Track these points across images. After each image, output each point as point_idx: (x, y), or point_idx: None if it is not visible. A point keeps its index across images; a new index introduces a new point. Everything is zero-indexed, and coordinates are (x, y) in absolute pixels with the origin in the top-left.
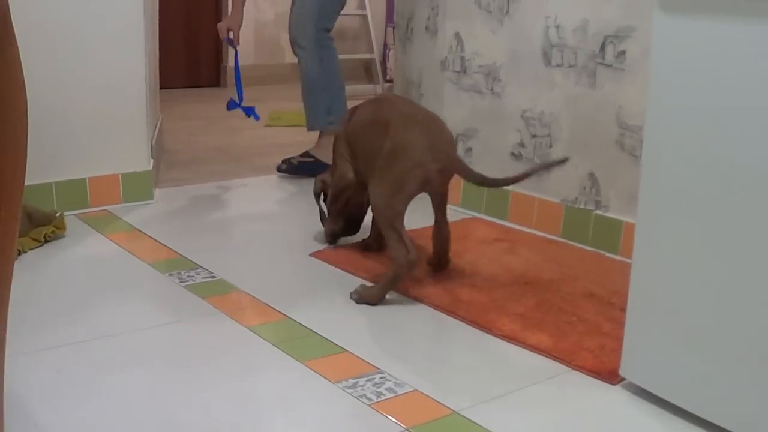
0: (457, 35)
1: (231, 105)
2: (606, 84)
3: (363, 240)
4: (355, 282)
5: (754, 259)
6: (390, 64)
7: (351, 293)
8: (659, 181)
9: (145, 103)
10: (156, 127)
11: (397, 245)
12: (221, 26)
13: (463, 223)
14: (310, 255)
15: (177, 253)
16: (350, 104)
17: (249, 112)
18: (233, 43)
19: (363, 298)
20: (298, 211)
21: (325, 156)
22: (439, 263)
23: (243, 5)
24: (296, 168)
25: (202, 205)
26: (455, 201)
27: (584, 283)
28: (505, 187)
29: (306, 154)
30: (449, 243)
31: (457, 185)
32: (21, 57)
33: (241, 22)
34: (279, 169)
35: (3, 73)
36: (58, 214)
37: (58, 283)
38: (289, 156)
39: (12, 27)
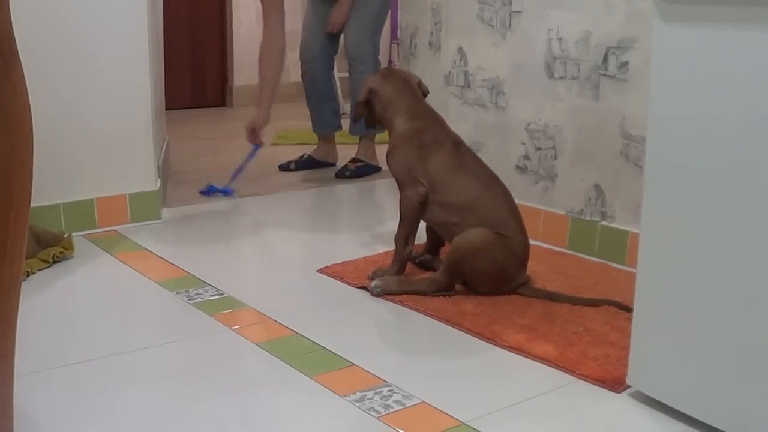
0: (460, 50)
1: (209, 190)
2: (609, 95)
3: (419, 256)
4: (363, 297)
5: (758, 267)
6: None
7: (372, 284)
8: (662, 191)
9: (152, 122)
10: (163, 147)
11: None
12: (248, 129)
13: None
14: (318, 271)
15: (185, 271)
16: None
17: (225, 191)
18: (257, 147)
19: (386, 287)
20: (305, 228)
21: (369, 157)
22: (433, 248)
23: (270, 104)
24: (356, 172)
25: (209, 223)
26: None
27: (591, 294)
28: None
29: (355, 159)
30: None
31: None
32: (26, 77)
33: (267, 121)
34: (342, 176)
35: (8, 93)
36: (66, 235)
37: (67, 303)
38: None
39: (16, 47)
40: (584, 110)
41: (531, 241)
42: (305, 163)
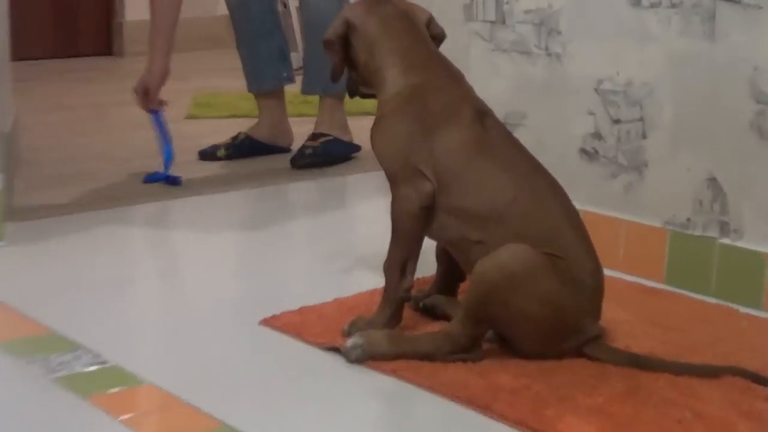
0: None
1: (152, 177)
2: (732, 32)
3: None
4: (334, 365)
5: None
6: None
7: (348, 344)
8: None
9: None
10: (8, 124)
11: None
12: (138, 89)
13: None
14: (262, 323)
15: (43, 325)
16: None
17: (175, 180)
18: (158, 113)
19: (370, 347)
20: (240, 252)
21: (337, 130)
22: (447, 284)
23: (169, 49)
24: (323, 151)
25: (83, 246)
26: None
27: (706, 357)
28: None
29: (316, 135)
30: None
31: None
32: None
33: (166, 75)
34: (301, 161)
35: None
36: None
37: None
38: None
39: None
40: (691, 58)
41: (607, 273)
42: (241, 148)
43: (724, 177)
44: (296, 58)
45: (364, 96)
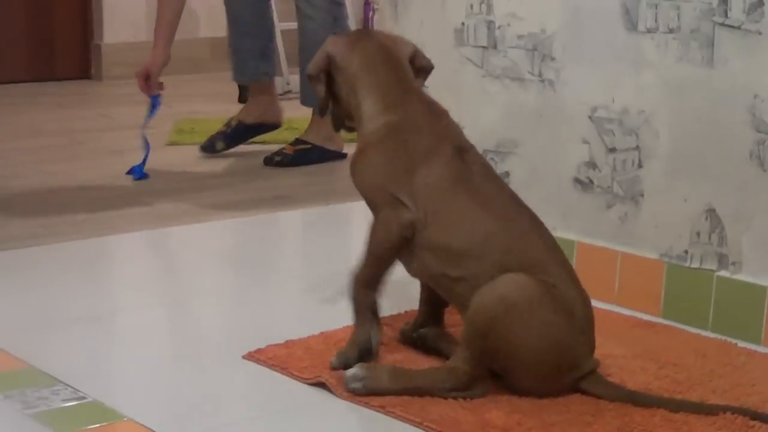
0: None
1: (135, 171)
2: (732, 59)
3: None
4: (313, 396)
5: None
6: None
7: (349, 375)
8: None
9: None
10: None
11: None
12: (141, 75)
13: None
14: (246, 357)
15: (20, 360)
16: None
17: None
18: (157, 98)
19: (373, 383)
20: (216, 283)
21: (321, 139)
22: (433, 312)
23: (170, 39)
24: (292, 159)
25: (59, 278)
26: None
27: (702, 392)
28: (570, 238)
29: (298, 141)
30: None
31: None
32: None
33: (167, 61)
34: (270, 162)
35: None
36: None
37: None
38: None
39: None
40: (689, 85)
41: (602, 306)
42: (236, 135)
43: (722, 208)
44: (281, 83)
45: (349, 129)
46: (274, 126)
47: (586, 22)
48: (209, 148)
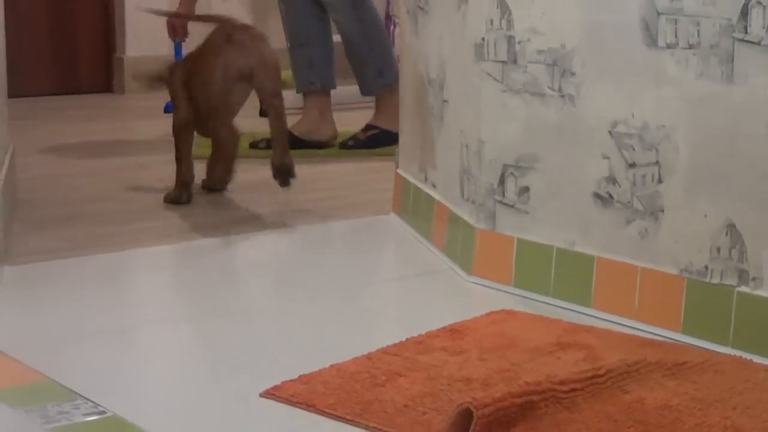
0: (500, 1)
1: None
2: (752, 74)
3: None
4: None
5: None
6: (397, 50)
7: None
8: None
9: None
10: (4, 162)
11: None
12: (171, 21)
13: (505, 318)
14: (262, 395)
15: (41, 373)
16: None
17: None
18: (180, 45)
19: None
20: (245, 309)
21: (388, 122)
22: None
23: None
24: (364, 143)
25: (83, 293)
26: (502, 277)
27: (725, 413)
28: (590, 253)
29: (368, 127)
30: None
31: (508, 254)
32: None
33: (192, 16)
34: (345, 145)
35: None
36: None
37: None
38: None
39: None
40: (709, 100)
41: (620, 320)
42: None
43: (743, 223)
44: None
45: None
46: (321, 143)
47: (606, 38)
48: (255, 145)
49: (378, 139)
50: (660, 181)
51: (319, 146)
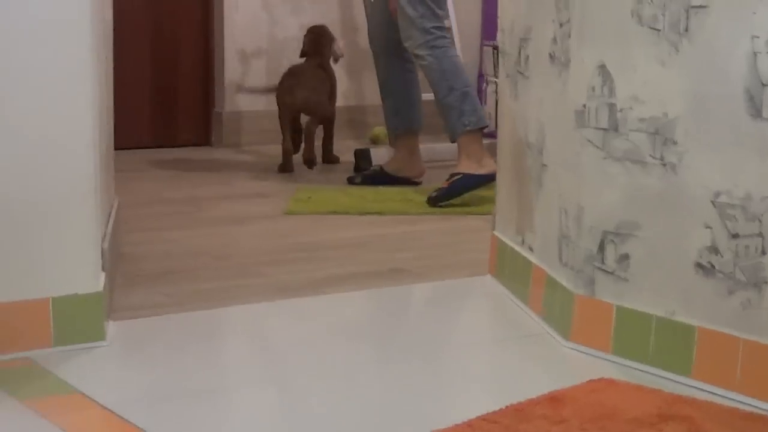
0: (602, 68)
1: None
2: None
3: None
4: None
5: None
6: (488, 108)
7: None
8: None
9: (93, 180)
10: (110, 217)
11: None
12: None
13: (605, 387)
14: None
15: (138, 428)
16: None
17: None
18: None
19: None
20: (341, 372)
21: (470, 166)
22: None
23: None
24: (447, 191)
25: (180, 349)
26: (600, 344)
27: None
28: (691, 323)
29: (450, 175)
30: None
31: (607, 320)
32: None
33: None
34: (430, 199)
35: None
36: None
37: None
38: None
39: None
40: None
41: (722, 392)
42: (374, 178)
43: None
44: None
45: None
46: (409, 180)
47: (709, 107)
48: (351, 180)
49: (460, 184)
50: (763, 252)
51: (407, 182)
